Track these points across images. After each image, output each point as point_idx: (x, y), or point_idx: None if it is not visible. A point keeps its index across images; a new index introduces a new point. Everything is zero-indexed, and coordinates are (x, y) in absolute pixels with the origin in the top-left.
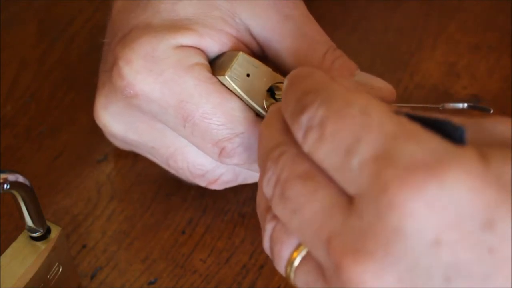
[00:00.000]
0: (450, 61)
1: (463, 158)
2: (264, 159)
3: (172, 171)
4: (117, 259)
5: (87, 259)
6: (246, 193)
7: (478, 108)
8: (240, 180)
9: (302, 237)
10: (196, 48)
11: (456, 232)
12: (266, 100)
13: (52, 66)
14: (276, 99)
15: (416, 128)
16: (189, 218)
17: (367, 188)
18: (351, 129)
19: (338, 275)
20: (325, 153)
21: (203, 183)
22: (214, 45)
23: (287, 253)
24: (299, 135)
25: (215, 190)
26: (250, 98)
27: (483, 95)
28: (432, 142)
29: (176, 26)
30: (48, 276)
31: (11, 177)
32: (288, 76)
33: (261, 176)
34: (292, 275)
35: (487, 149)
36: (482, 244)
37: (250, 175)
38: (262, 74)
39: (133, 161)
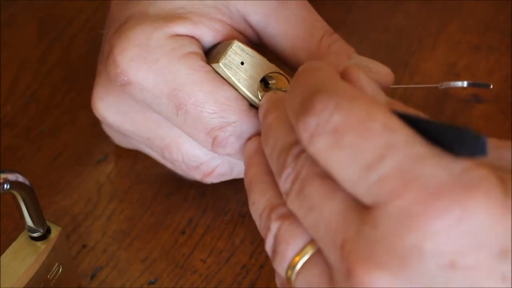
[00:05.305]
0: (450, 61)
1: (486, 183)
2: (281, 155)
3: (168, 164)
4: (117, 259)
5: (87, 259)
6: (246, 193)
7: (477, 85)
8: (236, 174)
9: (315, 235)
10: (190, 37)
11: (472, 258)
12: (259, 90)
13: (52, 66)
14: (270, 89)
15: (440, 150)
16: (189, 218)
17: (386, 203)
18: (375, 145)
19: (348, 280)
20: (340, 163)
21: (198, 176)
22: (208, 33)
23: (292, 253)
24: (304, 135)
25: (215, 190)
26: (244, 87)
27: (483, 95)
28: (457, 164)
29: (171, 15)
30: (48, 276)
31: (11, 177)
32: (297, 71)
33: (278, 173)
34: (293, 277)
35: (505, 175)
36: (497, 272)
37: None
38: (257, 63)
39: (133, 161)
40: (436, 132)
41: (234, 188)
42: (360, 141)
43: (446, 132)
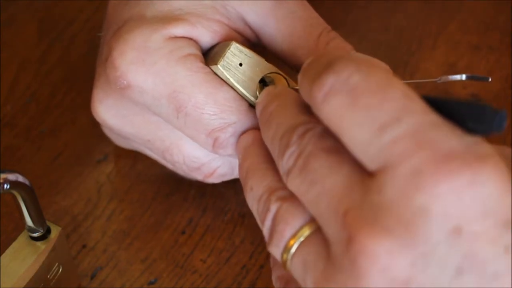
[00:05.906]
0: (450, 61)
1: (496, 158)
2: (283, 137)
3: (169, 166)
4: (117, 259)
5: (87, 259)
6: None
7: (476, 78)
8: (237, 173)
9: (315, 210)
10: (188, 38)
11: (478, 225)
12: (258, 91)
13: (52, 66)
14: None
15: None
16: (189, 218)
17: (396, 165)
18: (392, 107)
19: (348, 247)
20: (353, 123)
21: (199, 177)
22: (206, 34)
23: (290, 233)
24: (319, 95)
25: (215, 190)
26: (243, 88)
27: (483, 95)
28: (468, 137)
29: (168, 17)
30: (48, 276)
31: (11, 177)
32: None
33: (279, 155)
34: (289, 258)
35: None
36: (500, 242)
37: None
38: (255, 64)
39: (133, 161)
40: (452, 107)
41: (234, 188)
42: (378, 103)
43: (462, 108)
